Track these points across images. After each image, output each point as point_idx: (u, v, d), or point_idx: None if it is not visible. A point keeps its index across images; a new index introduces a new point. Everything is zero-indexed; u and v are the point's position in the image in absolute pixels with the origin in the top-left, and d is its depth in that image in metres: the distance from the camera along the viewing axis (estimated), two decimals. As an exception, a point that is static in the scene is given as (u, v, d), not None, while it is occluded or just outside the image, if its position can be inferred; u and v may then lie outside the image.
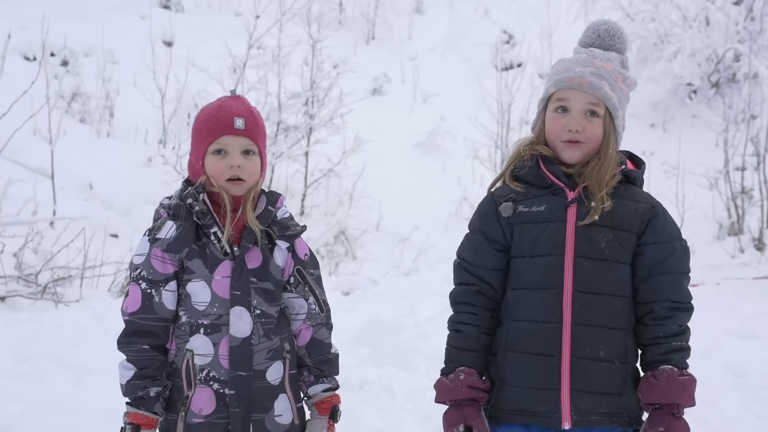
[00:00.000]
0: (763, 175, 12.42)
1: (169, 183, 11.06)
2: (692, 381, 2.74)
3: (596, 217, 2.74)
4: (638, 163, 2.96)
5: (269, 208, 2.92)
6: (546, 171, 2.83)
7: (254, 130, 2.88)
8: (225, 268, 2.84)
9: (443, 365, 2.91)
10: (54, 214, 9.42)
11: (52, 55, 13.39)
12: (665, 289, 2.76)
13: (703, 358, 6.31)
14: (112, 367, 5.79)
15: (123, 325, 2.87)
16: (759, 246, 12.08)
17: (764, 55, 14.90)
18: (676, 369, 2.72)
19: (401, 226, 12.29)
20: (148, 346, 2.82)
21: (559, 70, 2.89)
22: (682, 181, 12.70)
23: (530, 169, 2.85)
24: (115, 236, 10.07)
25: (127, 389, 2.83)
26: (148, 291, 2.82)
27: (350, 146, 12.33)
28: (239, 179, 2.85)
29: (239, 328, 2.83)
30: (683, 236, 2.85)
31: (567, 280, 2.74)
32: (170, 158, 11.29)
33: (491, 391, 2.85)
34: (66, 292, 8.24)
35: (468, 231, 2.95)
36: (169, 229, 2.80)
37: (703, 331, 6.97)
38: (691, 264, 2.84)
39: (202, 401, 2.83)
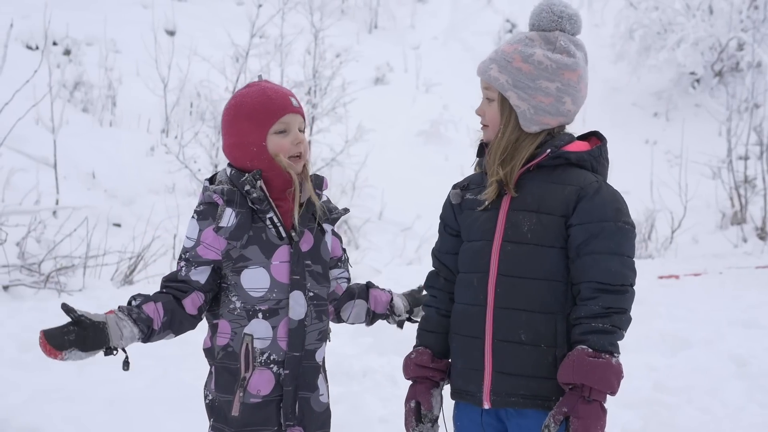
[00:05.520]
0: (766, 165, 12.39)
1: (172, 172, 11.07)
2: (606, 364, 2.63)
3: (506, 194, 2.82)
4: (603, 141, 2.94)
5: (317, 191, 3.00)
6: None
7: (302, 108, 3.00)
8: (283, 252, 2.88)
9: None
10: (57, 203, 9.43)
11: (55, 44, 13.40)
12: (590, 270, 2.72)
13: (706, 347, 6.31)
14: (115, 357, 5.83)
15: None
16: (762, 235, 12.07)
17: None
18: (589, 350, 2.64)
19: (404, 215, 12.30)
20: (171, 296, 2.87)
21: None
22: (685, 170, 12.69)
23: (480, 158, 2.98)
24: (118, 225, 10.08)
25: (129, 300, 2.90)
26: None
27: (353, 135, 12.33)
28: (299, 155, 2.93)
29: (296, 312, 2.89)
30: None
31: (493, 265, 2.80)
32: (173, 147, 11.29)
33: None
34: (69, 281, 8.25)
35: None
36: (229, 217, 2.83)
37: (706, 320, 6.98)
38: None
39: (262, 383, 2.87)
